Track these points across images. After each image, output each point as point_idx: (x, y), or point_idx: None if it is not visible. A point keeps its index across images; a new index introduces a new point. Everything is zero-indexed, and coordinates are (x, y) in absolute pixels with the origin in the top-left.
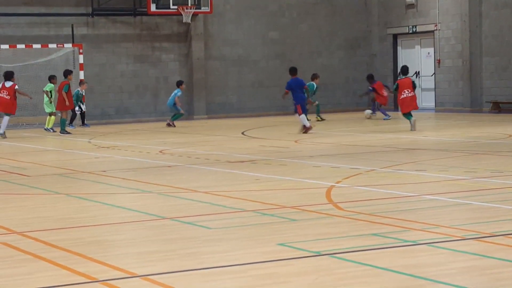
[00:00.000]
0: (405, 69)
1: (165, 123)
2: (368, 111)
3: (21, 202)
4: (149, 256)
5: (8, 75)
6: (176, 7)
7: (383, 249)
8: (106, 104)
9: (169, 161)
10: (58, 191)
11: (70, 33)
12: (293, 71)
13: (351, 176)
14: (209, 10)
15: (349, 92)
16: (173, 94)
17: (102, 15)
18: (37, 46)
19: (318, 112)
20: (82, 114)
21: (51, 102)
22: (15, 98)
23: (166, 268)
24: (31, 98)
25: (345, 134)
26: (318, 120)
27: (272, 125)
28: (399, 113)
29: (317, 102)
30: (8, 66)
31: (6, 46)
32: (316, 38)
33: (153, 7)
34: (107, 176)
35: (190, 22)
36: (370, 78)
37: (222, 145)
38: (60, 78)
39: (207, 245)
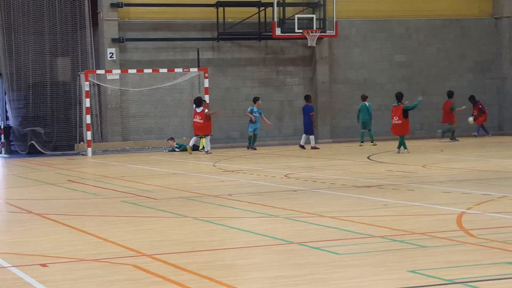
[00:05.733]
0: (399, 96)
1: (290, 147)
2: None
3: (150, 225)
4: (277, 281)
5: (198, 101)
6: (301, 31)
7: None
8: (231, 128)
9: (295, 185)
10: (185, 214)
11: (196, 57)
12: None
13: (482, 203)
14: (334, 34)
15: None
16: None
17: (227, 39)
18: (163, 70)
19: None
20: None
21: None
22: (208, 120)
23: None
24: (216, 113)
25: (476, 159)
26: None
27: None
28: None
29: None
30: (134, 91)
31: (134, 71)
32: (444, 61)
33: (278, 31)
34: (233, 199)
35: (315, 45)
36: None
37: (348, 170)
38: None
39: (336, 271)
